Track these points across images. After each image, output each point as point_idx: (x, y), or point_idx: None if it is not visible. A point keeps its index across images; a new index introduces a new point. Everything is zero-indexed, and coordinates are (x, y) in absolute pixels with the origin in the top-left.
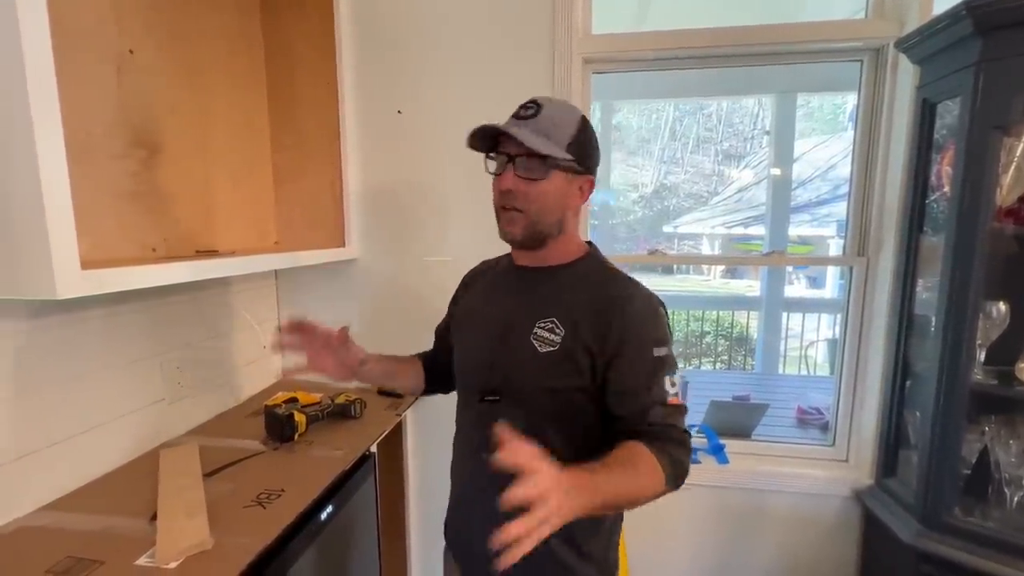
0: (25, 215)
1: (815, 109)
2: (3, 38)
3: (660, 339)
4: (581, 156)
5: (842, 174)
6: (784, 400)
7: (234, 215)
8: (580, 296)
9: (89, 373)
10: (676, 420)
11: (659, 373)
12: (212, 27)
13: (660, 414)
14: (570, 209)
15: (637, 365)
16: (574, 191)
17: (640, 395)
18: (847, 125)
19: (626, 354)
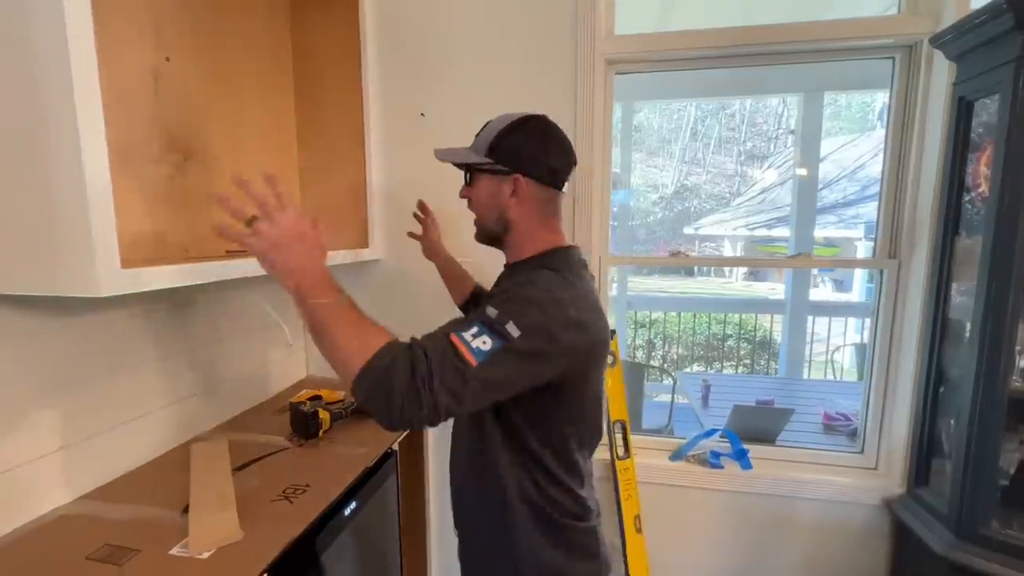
0: (70, 216)
1: (843, 107)
2: (52, 49)
3: (502, 308)
4: (503, 157)
5: (871, 174)
6: (809, 405)
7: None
8: (509, 281)
9: (124, 369)
10: (435, 350)
11: (473, 318)
12: (243, 34)
13: (432, 334)
14: (508, 207)
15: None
16: (505, 191)
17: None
18: (876, 123)
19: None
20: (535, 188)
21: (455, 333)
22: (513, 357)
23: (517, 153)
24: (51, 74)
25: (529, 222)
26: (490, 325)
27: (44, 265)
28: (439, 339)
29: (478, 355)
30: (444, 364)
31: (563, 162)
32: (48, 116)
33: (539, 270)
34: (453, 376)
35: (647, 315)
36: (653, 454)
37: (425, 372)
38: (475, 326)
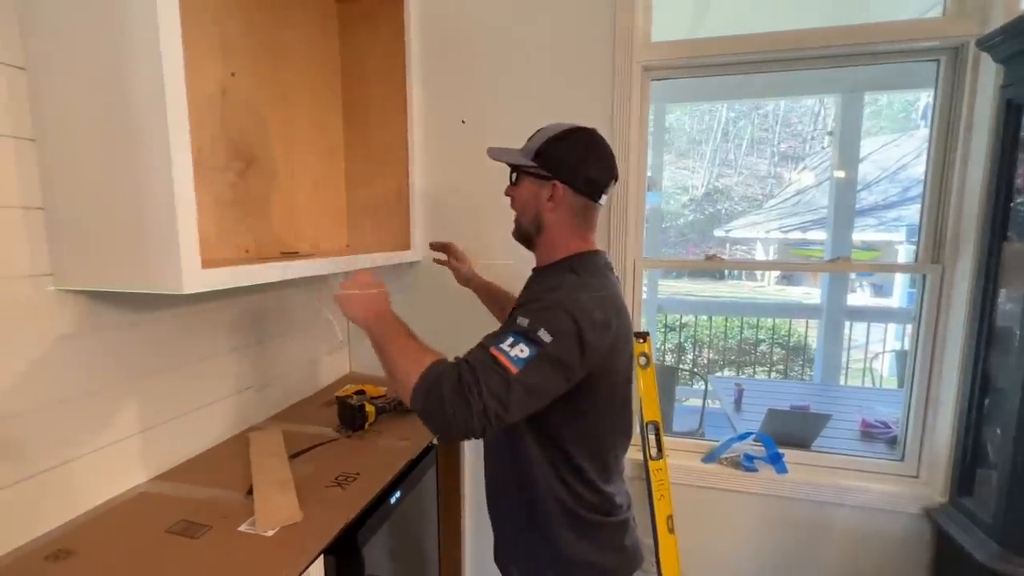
0: (160, 221)
1: (883, 107)
2: (148, 74)
3: (532, 316)
4: (546, 163)
5: (913, 175)
6: (846, 412)
7: (312, 220)
8: (537, 284)
9: (192, 361)
10: (479, 361)
11: (506, 330)
12: (298, 49)
13: (473, 350)
14: (544, 211)
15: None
16: (544, 195)
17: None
18: (919, 123)
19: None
20: (571, 196)
21: (493, 346)
22: (548, 362)
23: (559, 161)
24: (146, 95)
25: (561, 228)
26: (524, 333)
27: (137, 264)
28: (479, 352)
29: (517, 362)
30: (487, 372)
31: (602, 175)
32: (143, 134)
33: (564, 274)
34: (497, 382)
35: (677, 318)
36: (686, 455)
37: (471, 379)
38: (510, 336)
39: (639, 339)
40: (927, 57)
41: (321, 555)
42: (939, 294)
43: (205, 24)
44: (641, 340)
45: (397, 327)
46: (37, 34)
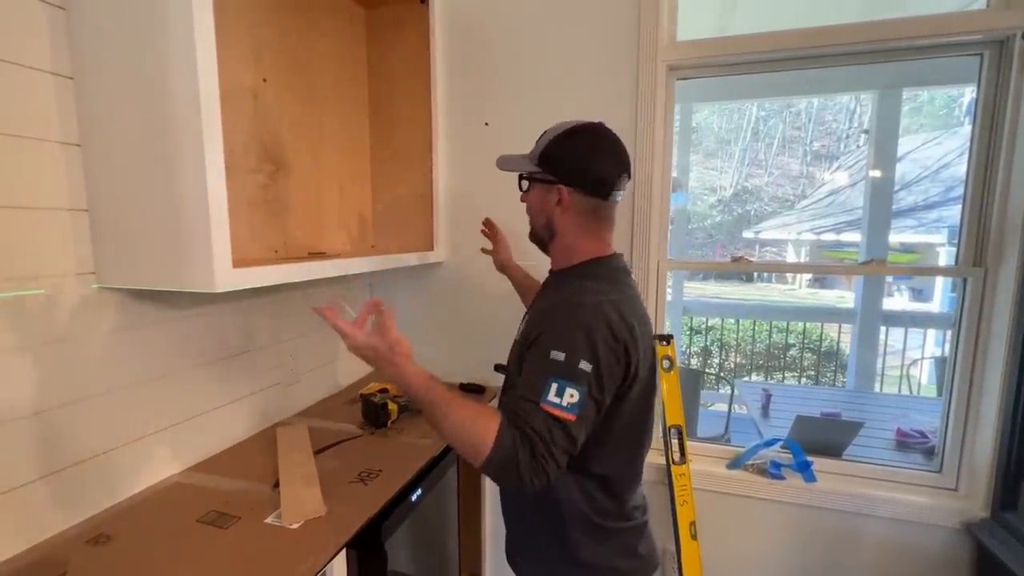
0: (194, 222)
1: (924, 103)
2: (185, 81)
3: (564, 345)
4: (551, 167)
5: (956, 174)
6: (880, 420)
7: (339, 221)
8: (543, 295)
9: (223, 357)
10: (539, 424)
11: (546, 373)
12: (327, 54)
13: (526, 409)
14: (554, 216)
15: (533, 361)
16: (551, 199)
17: (521, 387)
18: (963, 120)
19: (531, 350)
20: (579, 198)
21: (544, 403)
22: (597, 391)
23: (563, 164)
24: (182, 103)
25: (573, 232)
26: (566, 375)
27: (173, 264)
28: (535, 413)
29: (571, 410)
30: (553, 435)
31: (611, 172)
32: (179, 140)
33: (580, 281)
34: (563, 439)
35: (703, 321)
36: (710, 461)
37: (544, 451)
38: (554, 383)
39: (663, 341)
40: (969, 51)
41: (344, 549)
42: (981, 299)
43: (240, 32)
44: (665, 343)
45: (433, 391)
46: (84, 45)
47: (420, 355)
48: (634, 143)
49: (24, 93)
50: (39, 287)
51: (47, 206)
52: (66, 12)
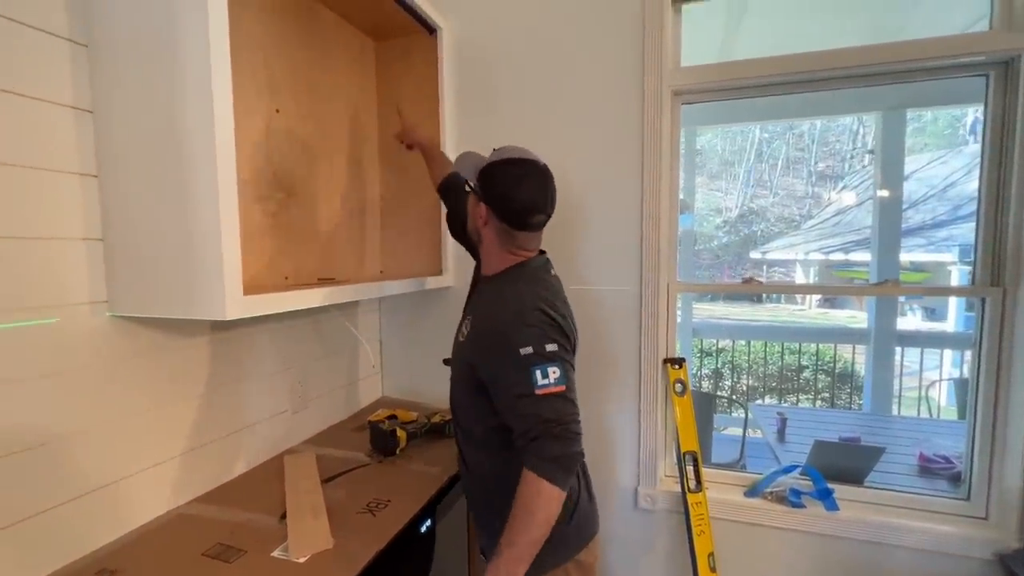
0: (206, 251)
1: (928, 123)
2: (201, 114)
3: (525, 341)
4: (481, 185)
5: (963, 192)
6: (900, 444)
7: (347, 246)
8: (483, 305)
9: (232, 384)
10: (544, 409)
11: (525, 367)
12: (338, 84)
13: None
14: (480, 224)
15: (510, 366)
16: (480, 212)
17: (512, 399)
18: (967, 138)
19: (501, 361)
20: (496, 221)
21: (537, 389)
22: (569, 358)
23: (490, 187)
24: (197, 136)
25: (494, 243)
26: (541, 360)
27: (184, 292)
28: (535, 403)
29: (560, 381)
30: (556, 408)
31: (528, 211)
32: (193, 172)
33: (513, 287)
34: (565, 405)
35: (713, 343)
36: (727, 489)
37: (558, 428)
38: (536, 370)
39: (674, 365)
40: (975, 72)
41: None
42: (1001, 319)
43: (255, 65)
44: (676, 366)
45: (521, 551)
46: (104, 79)
47: (429, 379)
48: (640, 167)
49: (46, 127)
50: (53, 316)
51: (63, 236)
52: (88, 49)
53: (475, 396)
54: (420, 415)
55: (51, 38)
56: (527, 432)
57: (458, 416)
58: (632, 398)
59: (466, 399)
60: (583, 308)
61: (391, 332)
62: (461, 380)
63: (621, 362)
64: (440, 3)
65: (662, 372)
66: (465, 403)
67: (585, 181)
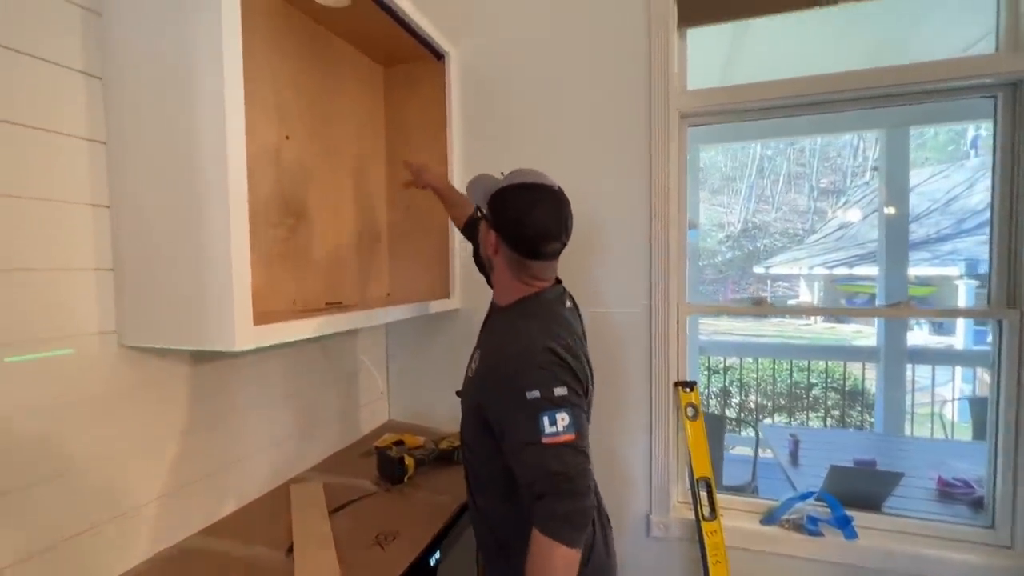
0: (216, 282)
1: (929, 138)
2: (213, 145)
3: (533, 384)
4: (491, 212)
5: (966, 206)
6: (916, 467)
7: (355, 270)
8: (491, 339)
9: (239, 412)
10: (551, 462)
11: (533, 413)
12: (347, 110)
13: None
14: (491, 253)
15: (515, 410)
16: (491, 239)
17: (518, 446)
18: (968, 152)
19: (507, 404)
20: (507, 249)
21: (545, 438)
22: (578, 404)
23: (501, 214)
24: (209, 168)
25: (504, 273)
26: (549, 406)
27: (194, 323)
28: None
29: (569, 429)
30: (565, 461)
31: (541, 239)
32: (205, 204)
33: (524, 322)
34: (575, 456)
35: (720, 360)
36: (742, 516)
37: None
38: (544, 416)
39: (685, 388)
40: (983, 94)
41: None
42: (1020, 341)
43: (266, 93)
44: (687, 389)
45: None
46: (118, 111)
47: (437, 402)
48: (649, 189)
49: (60, 159)
50: (64, 347)
51: (75, 267)
52: (103, 81)
53: (483, 436)
54: (427, 440)
55: (66, 71)
56: (532, 486)
57: (467, 454)
58: (643, 422)
59: (474, 439)
60: (591, 331)
61: (398, 354)
62: (469, 417)
63: (631, 385)
64: (448, 29)
65: (673, 395)
66: (473, 442)
67: (593, 204)
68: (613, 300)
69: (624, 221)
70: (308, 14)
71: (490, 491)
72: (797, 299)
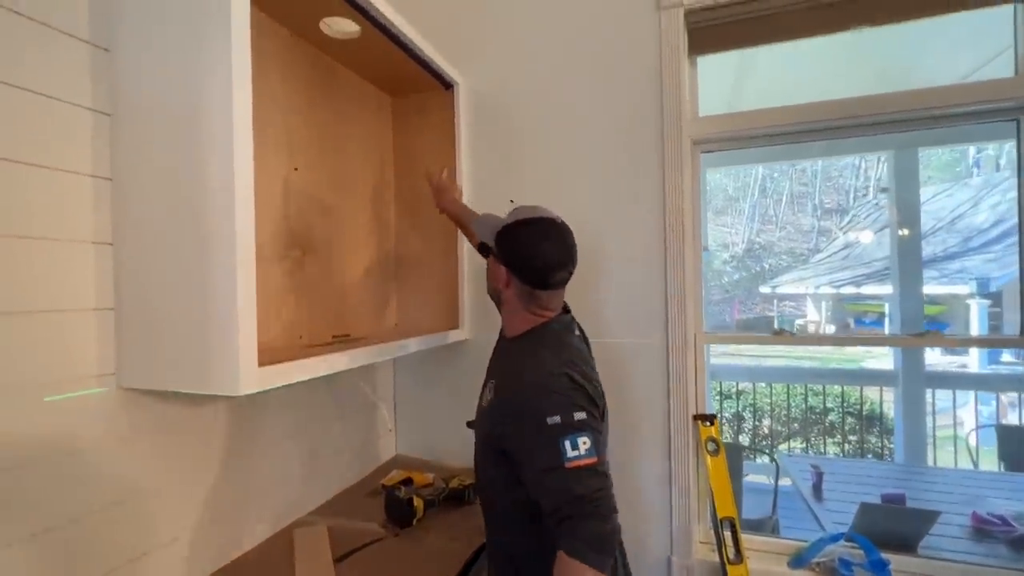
0: (221, 322)
1: (931, 156)
2: (221, 180)
3: (553, 410)
4: (500, 248)
5: (972, 224)
6: (944, 500)
7: (363, 301)
8: (506, 369)
9: (243, 454)
10: (575, 485)
11: (554, 439)
12: (355, 140)
13: (557, 482)
14: (501, 286)
15: (536, 437)
16: (501, 274)
17: (539, 474)
18: (972, 171)
19: (526, 433)
20: (518, 283)
21: (567, 463)
22: (597, 427)
23: (510, 251)
24: (216, 207)
25: (515, 306)
26: (570, 430)
27: (196, 365)
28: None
29: (591, 453)
30: (589, 484)
31: (550, 269)
32: (211, 242)
33: (537, 350)
34: (597, 479)
35: (732, 385)
36: (769, 558)
37: (591, 506)
38: (565, 441)
39: (705, 422)
40: (1003, 118)
41: None
42: None
43: (276, 126)
44: (707, 423)
45: None
46: (125, 147)
47: (445, 436)
48: (663, 217)
49: (65, 196)
50: (62, 391)
51: (74, 307)
52: (111, 118)
53: (499, 467)
54: (436, 478)
55: (75, 108)
56: (557, 511)
57: (483, 486)
58: (661, 458)
59: (491, 470)
60: (606, 362)
61: (406, 387)
62: (485, 449)
63: (647, 419)
64: (456, 58)
65: (692, 429)
66: (490, 474)
67: (606, 233)
68: (628, 330)
69: (637, 248)
70: (316, 45)
71: (508, 523)
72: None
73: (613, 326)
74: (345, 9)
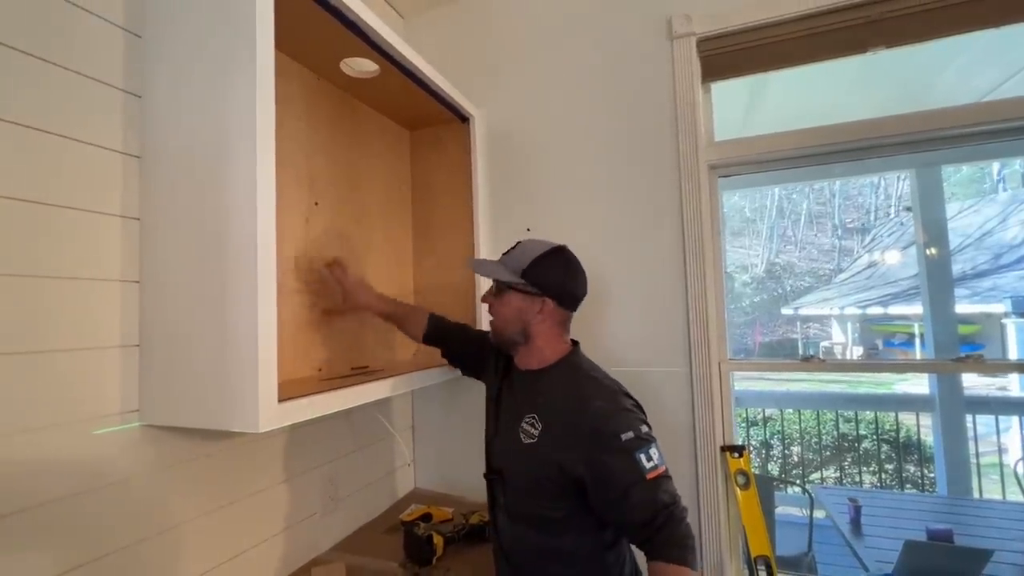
0: (242, 360)
1: (951, 173)
2: (244, 221)
3: (623, 426)
4: (535, 281)
5: (1002, 240)
6: (995, 537)
7: (382, 332)
8: (553, 398)
9: (262, 489)
10: (660, 493)
11: (632, 453)
12: (374, 174)
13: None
14: (533, 322)
15: (614, 455)
16: (533, 309)
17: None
18: (997, 186)
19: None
20: (556, 310)
21: (648, 473)
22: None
23: (548, 280)
24: (241, 245)
25: (547, 336)
26: (643, 444)
27: (217, 402)
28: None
29: (662, 461)
30: (669, 489)
31: (581, 292)
32: (233, 283)
33: (588, 375)
34: (671, 486)
35: (758, 412)
36: None
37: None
38: (640, 454)
39: (733, 453)
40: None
41: None
42: None
43: (298, 163)
44: (736, 455)
45: None
46: (154, 188)
47: (464, 468)
48: (682, 243)
49: (95, 237)
50: (86, 428)
51: (102, 345)
52: (139, 159)
53: (563, 499)
54: (456, 512)
55: (106, 152)
56: (651, 522)
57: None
58: (689, 492)
59: (549, 503)
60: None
61: (424, 418)
62: (543, 481)
63: (673, 450)
64: (471, 92)
65: (721, 461)
66: (547, 508)
67: (625, 260)
68: (651, 359)
69: (657, 275)
70: (337, 84)
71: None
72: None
73: (636, 354)
74: (364, 50)
